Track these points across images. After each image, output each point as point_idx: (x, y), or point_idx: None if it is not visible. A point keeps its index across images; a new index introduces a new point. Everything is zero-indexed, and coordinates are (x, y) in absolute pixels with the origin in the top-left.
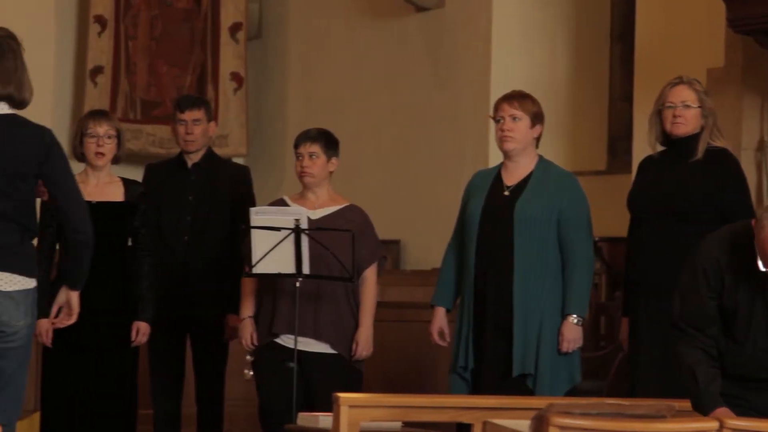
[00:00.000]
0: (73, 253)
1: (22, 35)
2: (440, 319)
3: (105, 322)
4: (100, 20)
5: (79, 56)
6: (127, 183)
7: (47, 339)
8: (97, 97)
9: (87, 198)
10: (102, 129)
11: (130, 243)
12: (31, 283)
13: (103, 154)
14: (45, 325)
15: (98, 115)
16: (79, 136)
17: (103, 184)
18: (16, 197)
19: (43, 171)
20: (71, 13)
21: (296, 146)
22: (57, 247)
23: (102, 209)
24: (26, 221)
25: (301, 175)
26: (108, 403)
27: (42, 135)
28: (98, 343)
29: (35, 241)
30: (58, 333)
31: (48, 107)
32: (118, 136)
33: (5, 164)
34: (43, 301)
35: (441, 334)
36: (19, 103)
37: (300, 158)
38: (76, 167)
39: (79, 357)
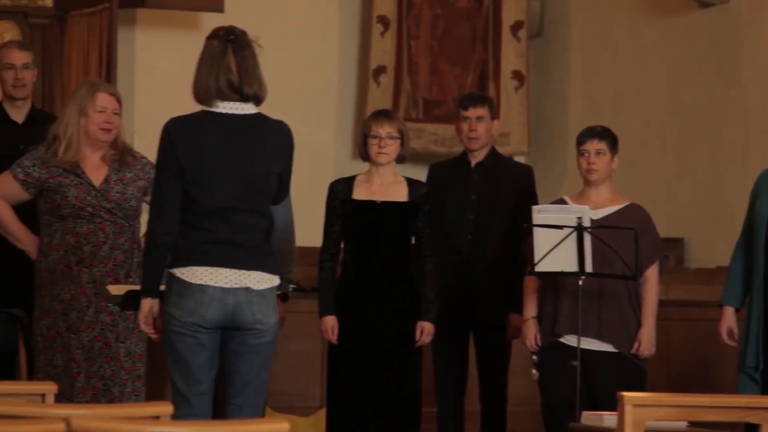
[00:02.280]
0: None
1: (307, 36)
2: (729, 318)
3: (390, 321)
4: (383, 20)
5: (362, 56)
6: (411, 182)
7: (333, 336)
8: (379, 96)
9: (371, 197)
10: (384, 130)
11: (413, 242)
12: (276, 280)
13: (386, 154)
14: (331, 323)
15: (381, 116)
16: (363, 137)
17: (387, 184)
18: (267, 195)
19: (284, 167)
20: (355, 13)
21: (581, 143)
22: (342, 245)
23: (386, 209)
24: (271, 220)
25: (587, 172)
26: (393, 401)
27: (287, 132)
28: (383, 342)
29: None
30: (343, 331)
31: (332, 107)
32: (401, 137)
33: (261, 162)
34: (329, 298)
35: (730, 333)
36: (260, 100)
37: (585, 155)
38: (361, 167)
39: (365, 355)
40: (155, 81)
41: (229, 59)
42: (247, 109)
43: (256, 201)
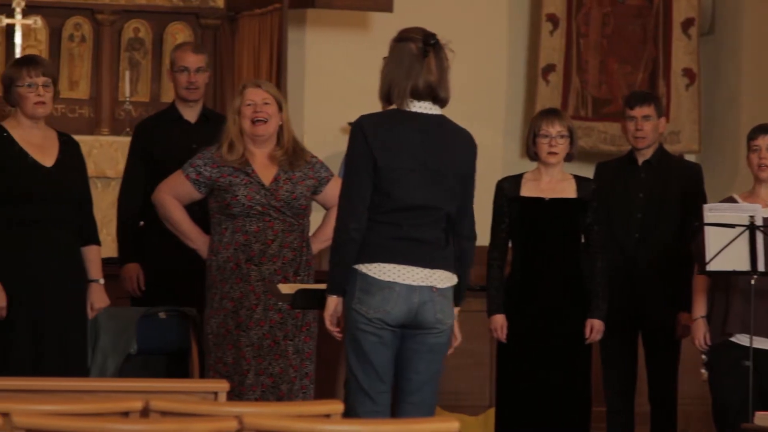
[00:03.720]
0: (459, 263)
1: (475, 35)
2: None
3: (559, 320)
4: (553, 19)
5: (531, 55)
6: (579, 180)
7: (502, 335)
8: (548, 95)
9: (540, 195)
10: (554, 129)
11: (582, 240)
12: (455, 279)
13: (556, 154)
14: (500, 321)
15: (551, 115)
16: (532, 136)
17: (555, 182)
18: (454, 195)
19: (467, 172)
20: (524, 12)
21: (752, 138)
22: (510, 243)
23: (555, 206)
24: (454, 220)
25: (759, 168)
26: (562, 400)
27: (471, 137)
28: (552, 341)
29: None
30: (512, 329)
31: (501, 105)
32: (570, 135)
33: (450, 162)
34: (498, 297)
35: None
36: (445, 105)
37: (756, 150)
38: (529, 166)
39: (534, 354)
40: (324, 81)
41: (431, 62)
42: (436, 110)
43: (444, 200)
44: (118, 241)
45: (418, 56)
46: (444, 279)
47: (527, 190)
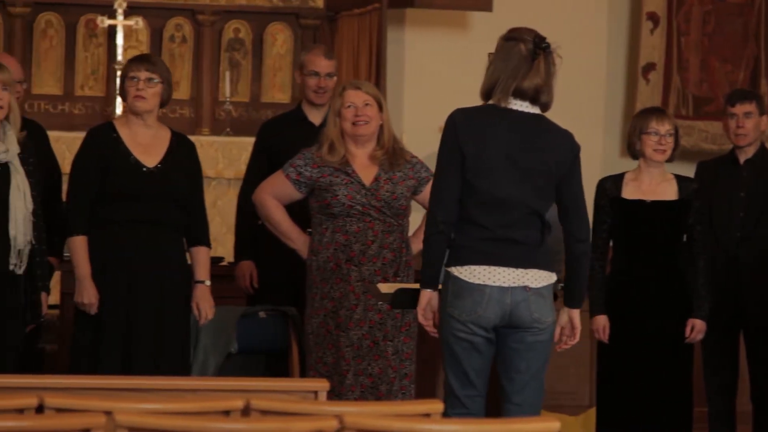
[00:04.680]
0: (572, 265)
1: (575, 34)
2: None
3: (661, 320)
4: (653, 17)
5: (632, 54)
6: (680, 179)
7: (604, 335)
8: (648, 94)
9: (641, 197)
10: (664, 128)
11: (684, 240)
12: (552, 277)
13: (663, 152)
14: (602, 322)
15: (661, 113)
16: (637, 134)
17: (656, 183)
18: (546, 194)
19: (566, 173)
20: (624, 10)
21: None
22: (611, 243)
23: (656, 208)
24: (545, 220)
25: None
26: (664, 400)
27: (571, 139)
28: (654, 341)
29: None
30: (613, 330)
31: (600, 104)
32: (676, 135)
33: (543, 161)
34: (600, 297)
35: None
36: (547, 109)
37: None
38: (629, 165)
39: (636, 354)
40: (424, 80)
41: (540, 65)
42: (534, 110)
43: (532, 197)
44: (235, 239)
45: (526, 57)
46: (539, 278)
47: (628, 192)
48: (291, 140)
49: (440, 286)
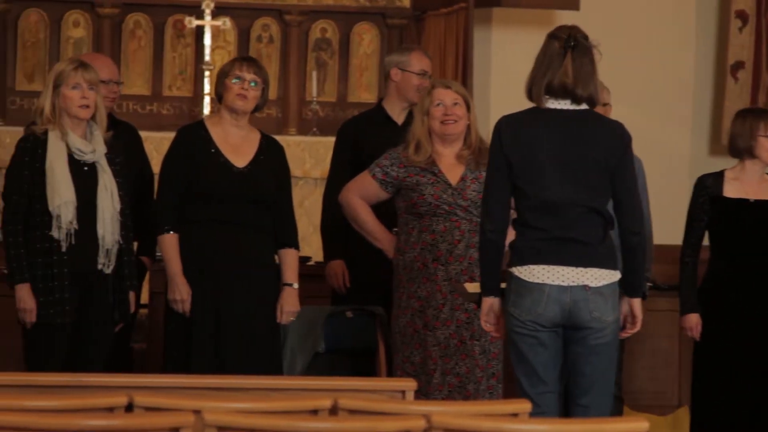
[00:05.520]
0: (628, 257)
1: (662, 32)
2: None
3: (757, 321)
4: (742, 15)
5: (720, 52)
6: None
7: (696, 334)
8: (737, 93)
9: (744, 195)
10: None
11: None
12: (615, 276)
13: None
14: (695, 320)
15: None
16: (751, 134)
17: (757, 182)
18: (601, 191)
19: (617, 165)
20: (712, 9)
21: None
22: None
23: (760, 207)
24: (607, 215)
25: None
26: (762, 403)
27: (621, 130)
28: (751, 342)
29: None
30: (708, 329)
31: (688, 103)
32: None
33: (592, 157)
34: (692, 296)
35: None
36: (594, 103)
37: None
38: (717, 164)
39: (735, 356)
40: (510, 80)
41: (567, 63)
42: (579, 107)
43: (589, 196)
44: (324, 239)
45: (558, 56)
46: (599, 277)
47: (730, 190)
48: (373, 139)
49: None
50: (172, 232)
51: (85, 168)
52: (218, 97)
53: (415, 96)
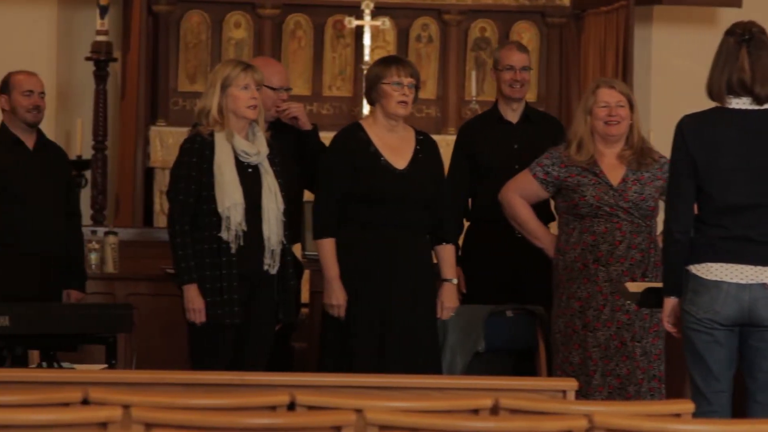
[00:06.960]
0: None
1: None
2: None
3: None
4: None
5: None
6: None
7: None
8: None
9: None
10: None
11: None
12: None
13: None
14: None
15: None
16: None
17: None
18: None
19: None
20: None
21: None
22: None
23: None
24: None
25: None
26: None
27: None
28: None
29: None
30: None
31: None
32: None
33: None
34: None
35: None
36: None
37: None
38: None
39: None
40: (671, 78)
41: (743, 58)
42: (761, 107)
43: None
44: None
45: (733, 51)
46: None
47: None
48: (488, 140)
49: None
50: (330, 237)
51: (249, 170)
52: (369, 100)
53: (509, 91)
